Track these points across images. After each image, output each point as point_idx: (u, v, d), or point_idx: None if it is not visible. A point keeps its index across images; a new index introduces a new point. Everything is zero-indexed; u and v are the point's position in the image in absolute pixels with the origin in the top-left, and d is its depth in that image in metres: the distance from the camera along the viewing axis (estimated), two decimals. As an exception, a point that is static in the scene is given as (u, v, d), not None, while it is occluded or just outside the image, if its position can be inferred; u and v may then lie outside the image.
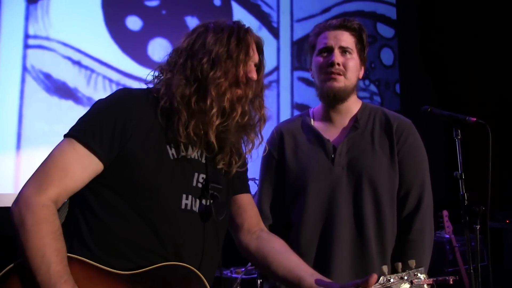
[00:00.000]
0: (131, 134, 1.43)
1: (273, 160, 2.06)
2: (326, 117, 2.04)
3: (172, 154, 1.49)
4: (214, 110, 1.46)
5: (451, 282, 1.56)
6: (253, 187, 4.01)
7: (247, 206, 1.74)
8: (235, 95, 1.50)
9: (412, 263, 1.55)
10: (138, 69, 4.42)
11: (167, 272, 1.38)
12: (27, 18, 4.18)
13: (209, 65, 1.47)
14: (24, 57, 4.14)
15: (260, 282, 3.78)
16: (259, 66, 1.62)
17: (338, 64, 1.92)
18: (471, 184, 2.06)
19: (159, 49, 1.85)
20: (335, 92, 1.94)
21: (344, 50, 1.95)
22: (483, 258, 4.24)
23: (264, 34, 5.28)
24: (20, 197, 1.37)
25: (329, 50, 1.95)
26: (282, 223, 2.01)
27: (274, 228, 1.95)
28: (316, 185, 1.93)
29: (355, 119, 2.00)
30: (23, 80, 4.12)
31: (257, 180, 4.07)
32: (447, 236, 4.22)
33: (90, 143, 1.40)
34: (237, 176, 1.67)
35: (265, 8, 5.32)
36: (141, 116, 1.46)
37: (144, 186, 1.44)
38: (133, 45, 4.57)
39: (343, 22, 1.98)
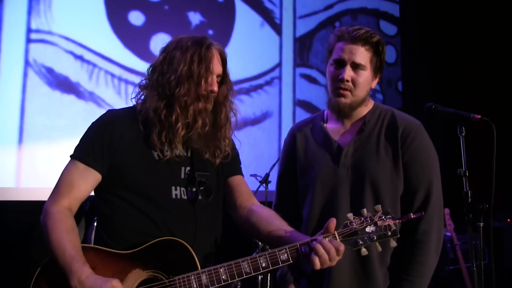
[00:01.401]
0: (118, 146, 1.79)
1: (287, 158, 2.17)
2: (337, 119, 2.08)
3: (158, 155, 1.81)
4: (179, 124, 1.77)
5: (413, 216, 1.63)
6: (255, 183, 4.03)
7: (238, 186, 1.97)
8: (196, 108, 1.78)
9: (378, 207, 1.64)
10: (140, 64, 4.40)
11: (158, 247, 1.69)
12: (29, 12, 4.17)
13: (175, 83, 1.77)
14: (27, 51, 4.14)
15: (261, 278, 3.78)
16: (223, 77, 1.88)
17: (347, 81, 1.94)
18: (473, 182, 2.05)
19: (162, 44, 1.90)
20: (341, 108, 1.99)
21: (356, 66, 1.95)
22: (484, 257, 4.25)
23: (266, 30, 5.29)
24: (43, 210, 1.77)
25: (342, 63, 1.96)
26: (294, 216, 2.07)
27: (287, 221, 2.01)
28: (321, 184, 1.99)
29: (363, 121, 2.02)
30: (25, 75, 4.12)
31: (258, 176, 4.11)
32: (449, 234, 4.21)
33: (86, 160, 1.78)
34: (226, 162, 1.93)
35: (268, 5, 5.31)
36: (124, 130, 1.81)
37: (137, 185, 1.78)
38: (135, 40, 4.56)
39: (361, 36, 1.94)
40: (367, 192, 1.92)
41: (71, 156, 1.83)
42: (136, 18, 4.61)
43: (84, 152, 1.80)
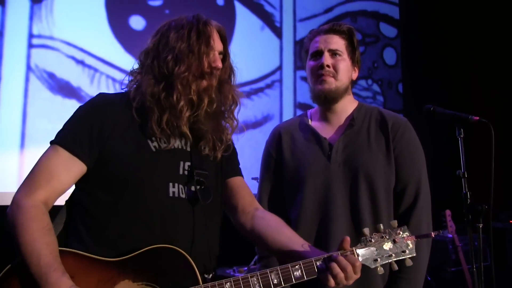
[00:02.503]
0: (109, 134, 1.55)
1: (271, 159, 2.11)
2: (323, 117, 2.09)
3: (154, 146, 1.59)
4: (182, 103, 1.56)
5: (433, 236, 1.59)
6: (257, 186, 4.02)
7: (239, 187, 1.80)
8: (200, 86, 1.59)
9: (394, 223, 1.57)
10: (142, 69, 4.41)
11: (152, 255, 1.47)
12: (31, 18, 4.19)
13: (174, 62, 1.57)
14: (28, 56, 4.16)
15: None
16: (224, 53, 1.71)
17: (328, 66, 1.97)
18: (473, 183, 2.06)
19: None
20: (326, 94, 1.99)
21: (334, 53, 2.00)
22: (486, 258, 4.24)
23: (267, 33, 5.30)
24: (13, 201, 1.50)
25: (319, 54, 2.01)
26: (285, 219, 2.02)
27: None
28: (313, 182, 1.96)
29: (351, 118, 2.03)
30: (27, 79, 4.13)
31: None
32: (450, 235, 4.21)
33: (71, 147, 1.53)
34: (225, 160, 1.76)
35: (268, 8, 5.33)
36: (117, 117, 1.58)
37: (130, 179, 1.54)
38: (136, 45, 4.52)
39: (332, 26, 2.03)
40: (362, 186, 1.91)
41: (52, 141, 1.57)
42: (137, 22, 4.63)
43: (70, 139, 1.54)
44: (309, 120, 2.12)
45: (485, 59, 5.98)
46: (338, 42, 2.01)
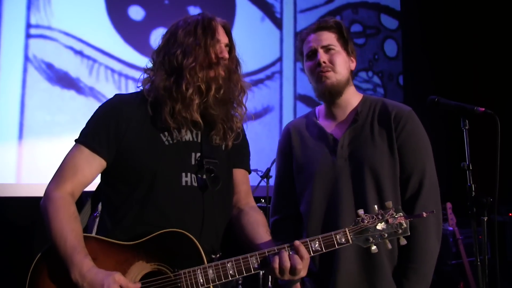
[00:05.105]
0: (125, 131, 1.73)
1: (284, 157, 2.16)
2: (329, 114, 2.11)
3: (167, 140, 1.75)
4: (191, 90, 1.69)
5: (424, 215, 1.62)
6: (257, 178, 4.02)
7: (239, 182, 1.93)
8: (208, 75, 1.72)
9: (389, 204, 1.63)
10: (141, 59, 4.39)
11: (163, 238, 1.63)
12: (29, 8, 4.16)
13: (182, 55, 1.72)
14: (26, 47, 4.12)
15: (262, 273, 3.78)
16: (230, 46, 1.84)
17: (324, 62, 2.00)
18: (475, 176, 2.04)
19: (162, 39, 1.88)
20: (329, 89, 2.02)
21: (327, 48, 2.03)
22: (487, 251, 4.24)
23: (267, 24, 5.26)
24: (44, 194, 1.71)
25: (314, 53, 2.05)
26: (294, 215, 2.07)
27: (285, 221, 2.09)
28: (320, 178, 1.99)
29: (355, 112, 2.05)
30: (25, 70, 4.10)
31: (259, 171, 4.10)
32: (451, 228, 4.20)
33: (91, 144, 1.73)
34: (235, 150, 1.89)
35: (268, -1, 5.29)
36: (131, 115, 1.75)
37: (145, 171, 1.71)
38: (135, 35, 4.54)
39: (320, 24, 2.08)
40: (367, 180, 1.92)
41: (76, 140, 1.77)
42: (136, 13, 4.59)
43: (90, 137, 1.74)
44: (317, 117, 2.15)
45: (486, 51, 5.96)
46: (328, 37, 2.04)
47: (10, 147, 4.02)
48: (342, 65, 2.03)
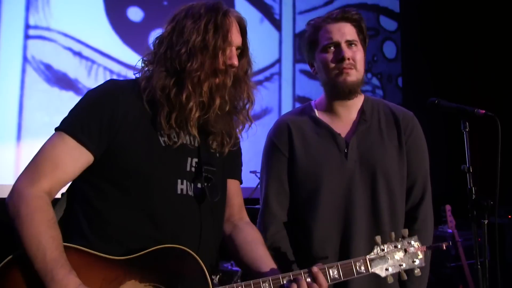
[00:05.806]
0: (120, 125, 1.46)
1: (282, 157, 1.97)
2: (331, 110, 1.99)
3: (164, 141, 1.51)
4: (191, 104, 1.47)
5: (444, 248, 1.60)
6: (255, 180, 4.00)
7: (233, 194, 1.73)
8: (213, 84, 1.50)
9: (405, 232, 1.59)
10: (139, 61, 4.38)
11: (161, 255, 1.40)
12: (27, 8, 4.14)
13: (187, 56, 1.48)
14: (25, 48, 4.11)
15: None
16: (243, 48, 1.63)
17: (349, 59, 1.87)
18: (475, 178, 2.03)
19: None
20: (350, 87, 1.89)
21: (350, 43, 1.90)
22: (487, 254, 4.23)
23: (266, 26, 5.25)
24: (14, 190, 1.41)
25: (336, 46, 1.90)
26: (291, 220, 1.96)
27: (281, 233, 1.93)
28: (330, 181, 1.88)
29: (361, 112, 1.97)
30: (23, 71, 4.09)
31: (258, 173, 4.08)
32: (450, 231, 4.19)
33: (79, 136, 1.43)
34: (229, 158, 1.68)
35: (268, 0, 5.28)
36: (128, 108, 1.49)
37: (138, 173, 1.46)
38: (134, 36, 4.53)
39: (344, 14, 1.93)
40: (380, 185, 1.87)
41: (58, 128, 1.46)
42: (135, 14, 4.58)
43: (78, 126, 1.44)
44: (316, 113, 2.01)
45: (485, 53, 5.96)
46: (351, 31, 1.91)
47: (8, 148, 4.01)
48: (362, 63, 1.92)
